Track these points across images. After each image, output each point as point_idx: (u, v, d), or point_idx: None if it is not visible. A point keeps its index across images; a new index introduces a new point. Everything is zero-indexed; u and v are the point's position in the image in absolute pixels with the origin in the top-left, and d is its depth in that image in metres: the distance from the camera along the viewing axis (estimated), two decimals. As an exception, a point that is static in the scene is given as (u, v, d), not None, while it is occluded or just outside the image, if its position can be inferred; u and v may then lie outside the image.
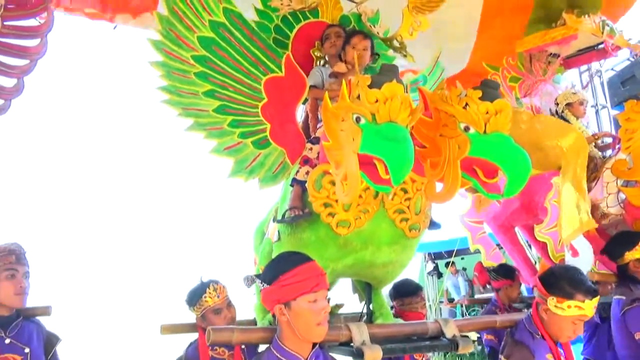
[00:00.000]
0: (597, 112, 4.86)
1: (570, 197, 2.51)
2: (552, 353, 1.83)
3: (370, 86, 1.62)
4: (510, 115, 1.71)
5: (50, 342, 2.17)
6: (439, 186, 1.84)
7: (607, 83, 5.26)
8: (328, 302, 1.61)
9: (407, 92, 1.63)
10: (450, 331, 1.90)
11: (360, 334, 1.77)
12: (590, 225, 2.58)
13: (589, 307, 1.82)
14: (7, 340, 2.01)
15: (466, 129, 1.72)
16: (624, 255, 2.49)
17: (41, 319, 2.21)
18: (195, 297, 2.23)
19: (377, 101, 1.58)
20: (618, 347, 2.40)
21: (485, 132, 1.69)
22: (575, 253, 2.91)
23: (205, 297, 2.20)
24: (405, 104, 1.60)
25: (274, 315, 2.27)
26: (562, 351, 1.88)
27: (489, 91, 1.73)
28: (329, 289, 2.47)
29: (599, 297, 1.89)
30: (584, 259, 2.87)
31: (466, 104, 1.73)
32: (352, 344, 1.78)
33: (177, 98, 2.03)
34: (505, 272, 3.24)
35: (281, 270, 1.54)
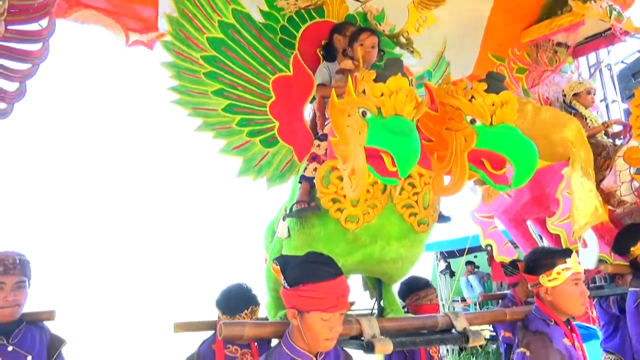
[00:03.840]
0: (607, 106, 4.81)
1: (580, 188, 2.50)
2: (567, 337, 1.84)
3: (375, 80, 1.63)
4: (516, 106, 1.72)
5: (54, 345, 2.13)
6: (446, 179, 1.85)
7: (617, 76, 5.14)
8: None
9: (412, 85, 1.64)
10: (460, 324, 1.91)
11: (370, 327, 1.78)
12: (602, 218, 2.57)
13: (573, 264, 1.91)
14: (10, 348, 1.97)
15: (472, 121, 1.73)
16: (630, 250, 2.51)
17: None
18: (229, 310, 2.31)
19: (382, 95, 1.60)
20: (634, 339, 2.39)
21: (491, 123, 1.70)
22: (584, 244, 2.89)
23: (240, 315, 2.29)
24: (410, 97, 1.61)
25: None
26: (574, 335, 1.90)
27: (494, 83, 1.74)
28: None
29: (575, 253, 1.98)
30: (590, 250, 2.85)
31: (472, 97, 1.74)
32: (362, 338, 1.79)
33: (186, 98, 2.06)
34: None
35: (303, 280, 1.51)
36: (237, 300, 2.34)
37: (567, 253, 1.94)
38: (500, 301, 3.57)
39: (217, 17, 2.13)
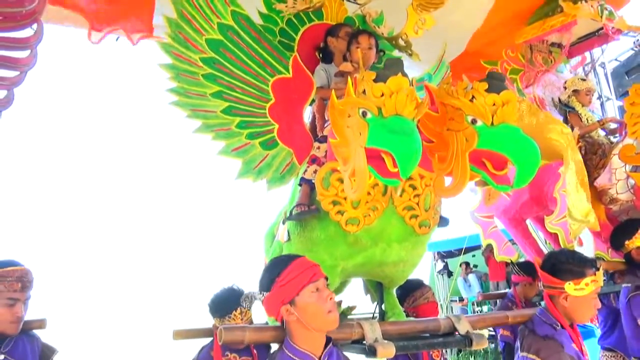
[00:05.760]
0: (602, 104, 4.83)
1: (574, 190, 2.48)
2: (574, 341, 1.81)
3: (375, 80, 1.62)
4: (517, 106, 1.71)
5: (45, 355, 2.12)
6: (447, 180, 1.83)
7: (611, 74, 5.17)
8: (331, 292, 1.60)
9: (412, 85, 1.62)
10: (463, 327, 1.88)
11: (372, 331, 1.76)
12: (594, 227, 2.56)
13: (600, 278, 1.88)
14: (1, 357, 1.95)
15: (473, 121, 1.72)
16: (625, 244, 2.51)
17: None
18: (220, 312, 2.31)
19: (382, 95, 1.59)
20: (626, 334, 2.39)
21: (492, 123, 1.69)
22: (580, 242, 2.88)
23: (229, 317, 2.27)
24: (411, 97, 1.60)
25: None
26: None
27: (495, 83, 1.73)
28: (339, 290, 2.48)
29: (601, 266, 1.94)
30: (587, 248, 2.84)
31: (473, 97, 1.73)
32: (364, 342, 1.76)
33: (185, 99, 2.05)
34: (528, 270, 3.17)
35: (275, 273, 1.54)
36: (225, 302, 2.32)
37: (595, 264, 1.89)
38: (498, 301, 3.56)
39: (216, 19, 2.12)
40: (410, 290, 2.61)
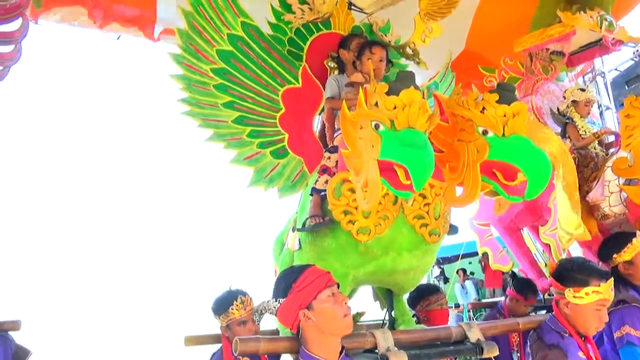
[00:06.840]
0: (601, 113, 4.84)
1: (564, 202, 2.48)
2: (581, 349, 1.82)
3: (388, 93, 1.63)
4: (527, 117, 1.73)
5: (18, 356, 2.09)
6: (458, 190, 1.85)
7: (611, 83, 5.18)
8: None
9: (424, 97, 1.64)
10: (474, 335, 1.89)
11: (385, 340, 1.77)
12: (584, 237, 2.56)
13: (605, 290, 1.86)
14: None
15: (484, 132, 1.73)
16: (613, 257, 2.44)
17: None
18: (221, 308, 2.26)
19: (395, 108, 1.60)
20: (606, 346, 2.36)
21: (503, 134, 1.70)
22: (569, 254, 2.86)
23: (232, 308, 2.23)
24: (423, 109, 1.61)
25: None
26: (589, 347, 1.87)
27: (505, 94, 1.75)
28: (349, 298, 2.50)
29: (612, 278, 1.91)
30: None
31: (483, 108, 1.74)
32: (376, 351, 1.78)
33: (197, 109, 2.08)
34: (520, 287, 3.13)
35: (292, 280, 1.58)
36: (224, 300, 2.30)
37: (605, 276, 1.89)
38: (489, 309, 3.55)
39: (226, 30, 2.15)
40: (426, 294, 2.63)
